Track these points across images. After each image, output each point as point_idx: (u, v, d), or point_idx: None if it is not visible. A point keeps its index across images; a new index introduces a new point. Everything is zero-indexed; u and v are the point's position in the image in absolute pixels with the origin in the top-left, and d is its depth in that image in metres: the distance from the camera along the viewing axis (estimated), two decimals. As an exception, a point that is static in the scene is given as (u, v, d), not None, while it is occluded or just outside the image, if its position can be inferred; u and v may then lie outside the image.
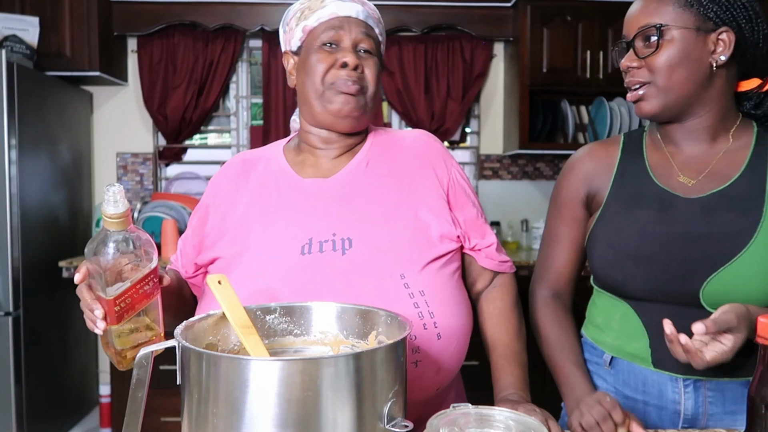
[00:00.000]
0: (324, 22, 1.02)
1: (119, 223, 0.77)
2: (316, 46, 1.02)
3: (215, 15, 3.16)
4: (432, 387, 0.97)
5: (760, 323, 0.57)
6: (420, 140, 1.10)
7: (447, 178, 1.07)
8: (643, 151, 1.09)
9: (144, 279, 0.80)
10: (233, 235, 1.01)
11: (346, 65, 1.00)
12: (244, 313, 0.75)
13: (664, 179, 1.04)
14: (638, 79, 1.00)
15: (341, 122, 1.02)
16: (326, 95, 1.01)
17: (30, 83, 2.63)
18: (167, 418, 2.54)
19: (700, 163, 1.03)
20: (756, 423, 0.58)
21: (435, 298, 0.96)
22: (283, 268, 0.95)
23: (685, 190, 1.01)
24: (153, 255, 0.81)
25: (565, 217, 1.13)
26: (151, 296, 0.82)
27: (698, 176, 1.02)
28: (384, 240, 0.97)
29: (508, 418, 0.64)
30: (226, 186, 1.08)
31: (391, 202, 1.01)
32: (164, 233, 2.86)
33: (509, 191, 3.47)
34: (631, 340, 1.04)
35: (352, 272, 0.94)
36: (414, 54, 3.25)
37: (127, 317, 0.80)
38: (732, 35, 0.96)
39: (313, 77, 1.02)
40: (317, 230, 0.98)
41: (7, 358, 2.48)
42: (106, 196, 0.76)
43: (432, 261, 0.98)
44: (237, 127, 3.44)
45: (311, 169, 1.06)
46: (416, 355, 0.93)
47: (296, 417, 0.58)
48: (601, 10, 3.06)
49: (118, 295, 0.78)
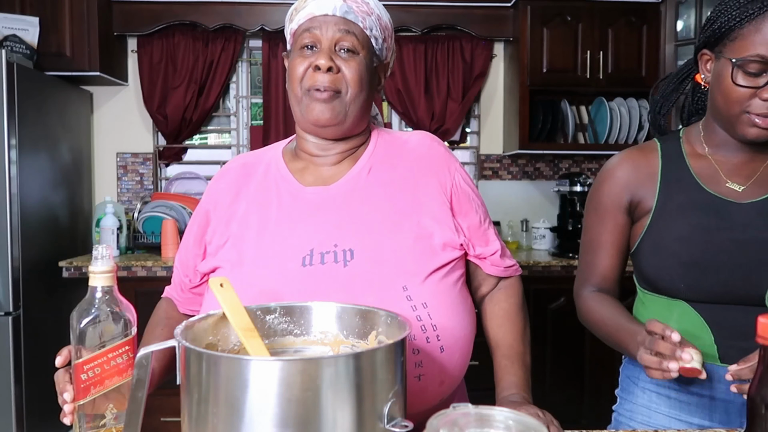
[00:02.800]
0: (302, 23, 1.00)
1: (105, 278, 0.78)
2: (297, 50, 1.01)
3: (215, 15, 3.16)
4: (434, 400, 0.95)
5: (760, 323, 0.57)
6: (423, 144, 1.07)
7: (450, 184, 1.04)
8: (684, 159, 1.10)
9: (117, 348, 0.77)
10: (233, 243, 1.00)
11: (318, 68, 0.97)
12: (246, 315, 0.75)
13: (713, 186, 1.06)
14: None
15: (322, 131, 1.01)
16: (304, 101, 0.99)
17: (30, 83, 2.63)
18: (167, 418, 2.53)
19: (747, 169, 1.05)
20: (756, 423, 0.58)
21: (438, 310, 0.94)
22: (283, 279, 0.94)
23: (736, 196, 1.04)
24: (131, 325, 0.79)
25: (607, 224, 1.14)
26: (123, 373, 0.77)
27: (747, 182, 1.04)
28: (386, 251, 0.95)
29: (508, 418, 0.64)
30: (226, 191, 1.06)
31: (393, 211, 0.99)
32: (164, 233, 2.86)
33: (509, 191, 3.46)
34: (693, 338, 1.03)
35: (353, 285, 0.92)
36: (414, 54, 3.25)
37: (94, 391, 0.76)
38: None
39: (292, 83, 1.00)
40: (318, 241, 0.96)
41: (7, 358, 2.48)
42: (94, 252, 0.78)
43: (435, 270, 0.96)
44: (237, 127, 3.44)
45: (312, 177, 1.04)
46: (419, 369, 0.92)
47: (296, 417, 0.58)
48: (601, 10, 3.06)
49: (86, 360, 0.75)
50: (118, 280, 0.81)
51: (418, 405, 0.91)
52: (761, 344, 0.58)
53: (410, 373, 0.91)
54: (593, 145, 3.20)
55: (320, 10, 0.98)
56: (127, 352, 0.78)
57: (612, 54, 3.05)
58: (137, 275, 2.70)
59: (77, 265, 2.74)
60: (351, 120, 1.01)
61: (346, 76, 0.98)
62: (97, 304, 0.77)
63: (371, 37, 1.03)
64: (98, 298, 0.78)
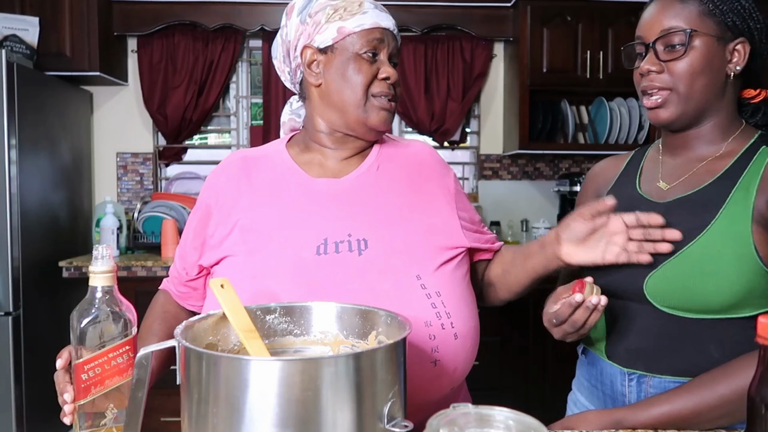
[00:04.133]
0: (367, 30, 1.01)
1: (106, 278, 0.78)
2: (354, 53, 1.01)
3: (215, 15, 3.16)
4: (448, 386, 0.98)
5: (761, 323, 0.57)
6: (424, 151, 1.14)
7: (453, 187, 1.11)
8: (642, 160, 1.13)
9: (118, 348, 0.77)
10: (242, 234, 1.00)
11: (387, 79, 1.01)
12: (247, 317, 0.75)
13: (645, 185, 1.07)
14: (658, 84, 0.99)
15: (372, 133, 1.05)
16: (367, 106, 1.02)
17: (30, 83, 2.63)
18: (167, 418, 2.53)
19: (682, 170, 1.04)
20: (756, 423, 0.58)
21: (450, 299, 0.97)
22: (298, 268, 0.95)
23: (659, 195, 1.04)
24: (132, 325, 0.79)
25: None
26: (124, 373, 0.77)
27: (675, 182, 1.03)
28: (398, 241, 0.98)
29: (508, 418, 0.64)
30: (227, 184, 1.07)
31: (404, 205, 1.03)
32: (164, 233, 2.86)
33: (509, 191, 3.47)
34: (595, 332, 1.08)
35: (369, 273, 0.95)
36: (414, 54, 3.25)
37: (95, 391, 0.76)
38: (747, 46, 0.97)
39: (353, 86, 1.01)
40: (332, 231, 0.98)
41: (7, 358, 2.48)
42: (95, 252, 0.78)
43: (445, 263, 1.00)
44: (237, 127, 3.44)
45: (319, 169, 1.06)
46: (435, 354, 0.94)
47: (296, 417, 0.58)
48: (601, 10, 3.06)
49: (87, 359, 0.75)
50: (118, 280, 0.81)
51: (433, 392, 0.94)
52: (761, 344, 0.58)
53: (427, 358, 0.93)
54: (593, 145, 3.20)
55: (385, 23, 1.03)
56: (128, 352, 0.78)
57: (612, 54, 3.05)
58: (137, 275, 2.70)
59: (77, 265, 2.74)
60: None
61: (395, 89, 1.05)
62: (97, 304, 0.77)
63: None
64: (98, 298, 0.78)
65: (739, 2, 0.97)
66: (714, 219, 0.94)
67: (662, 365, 0.98)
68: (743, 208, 0.93)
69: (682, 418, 0.91)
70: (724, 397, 0.89)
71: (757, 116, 1.05)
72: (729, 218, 0.93)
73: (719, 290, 0.92)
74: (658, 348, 0.98)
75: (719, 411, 0.90)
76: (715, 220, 0.94)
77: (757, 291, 0.92)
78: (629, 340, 1.01)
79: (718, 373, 0.92)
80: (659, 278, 0.96)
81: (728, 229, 0.93)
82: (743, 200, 0.94)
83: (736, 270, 0.91)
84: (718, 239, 0.93)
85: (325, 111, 1.05)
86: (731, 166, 0.99)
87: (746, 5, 0.98)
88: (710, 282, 0.92)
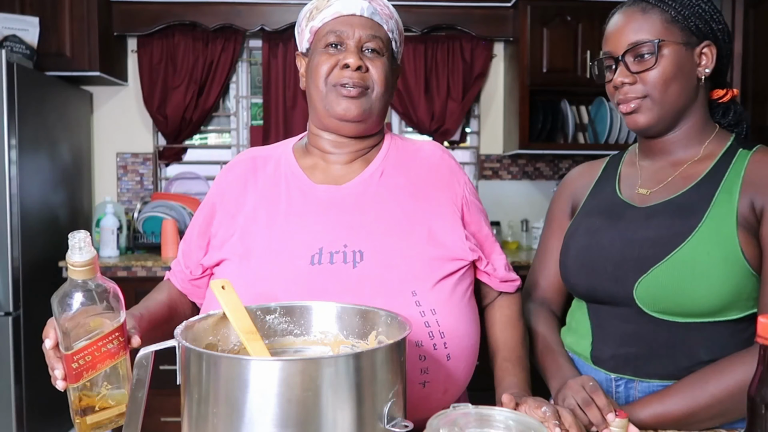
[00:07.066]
0: (328, 22, 1.00)
1: (85, 271, 0.74)
2: (321, 48, 1.01)
3: (215, 15, 3.16)
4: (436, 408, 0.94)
5: (761, 323, 0.57)
6: (435, 154, 1.09)
7: (461, 195, 1.05)
8: (619, 166, 1.13)
9: (107, 336, 0.76)
10: (240, 237, 0.99)
11: (347, 66, 0.97)
12: (248, 318, 0.75)
13: (625, 190, 1.08)
14: (632, 95, 1.01)
15: (345, 126, 1.01)
16: (329, 98, 0.99)
17: (30, 83, 2.63)
18: (167, 418, 2.54)
19: (662, 175, 1.05)
20: (756, 423, 0.58)
21: (446, 317, 0.94)
22: (291, 276, 0.93)
23: (640, 200, 1.04)
24: (120, 310, 0.77)
25: (554, 230, 1.19)
26: (116, 356, 0.77)
27: (656, 187, 1.04)
28: (396, 254, 0.95)
29: (508, 419, 0.64)
30: (235, 184, 1.05)
31: (405, 216, 0.99)
32: (164, 233, 2.86)
33: (509, 191, 3.47)
34: (581, 338, 1.08)
35: (362, 287, 0.91)
36: (414, 54, 3.25)
37: (87, 376, 0.75)
38: (714, 48, 0.99)
39: (316, 79, 1.00)
40: (328, 240, 0.95)
41: (7, 358, 2.48)
42: (71, 242, 0.73)
43: (444, 278, 0.96)
44: (237, 127, 3.44)
45: (322, 175, 1.04)
46: (424, 376, 0.91)
47: (296, 417, 0.58)
48: (601, 10, 3.05)
49: (75, 351, 0.74)
50: (117, 280, 0.79)
51: (419, 412, 0.89)
52: (761, 344, 0.58)
53: (415, 379, 0.90)
54: (593, 145, 3.19)
55: (347, 9, 0.99)
56: (117, 338, 0.77)
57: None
58: (137, 275, 2.70)
59: (77, 265, 2.73)
60: (374, 118, 1.03)
61: (373, 76, 1.00)
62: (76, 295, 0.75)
63: (392, 39, 1.05)
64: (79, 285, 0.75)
65: (699, 6, 0.99)
66: (700, 222, 0.94)
67: (651, 369, 0.98)
68: (728, 211, 0.94)
69: (675, 420, 0.91)
70: (716, 397, 0.90)
71: (729, 116, 1.06)
72: (715, 221, 0.94)
73: (709, 293, 0.92)
74: (647, 352, 0.98)
75: (712, 411, 0.90)
76: (702, 223, 0.94)
77: (744, 293, 0.93)
78: (617, 346, 1.01)
79: (708, 372, 0.92)
80: (649, 283, 0.96)
81: (715, 232, 0.93)
82: (727, 203, 0.95)
83: (724, 272, 0.91)
84: (706, 242, 0.93)
85: (310, 112, 1.06)
86: (711, 170, 1.00)
87: (707, 8, 1.00)
88: (700, 285, 0.92)
